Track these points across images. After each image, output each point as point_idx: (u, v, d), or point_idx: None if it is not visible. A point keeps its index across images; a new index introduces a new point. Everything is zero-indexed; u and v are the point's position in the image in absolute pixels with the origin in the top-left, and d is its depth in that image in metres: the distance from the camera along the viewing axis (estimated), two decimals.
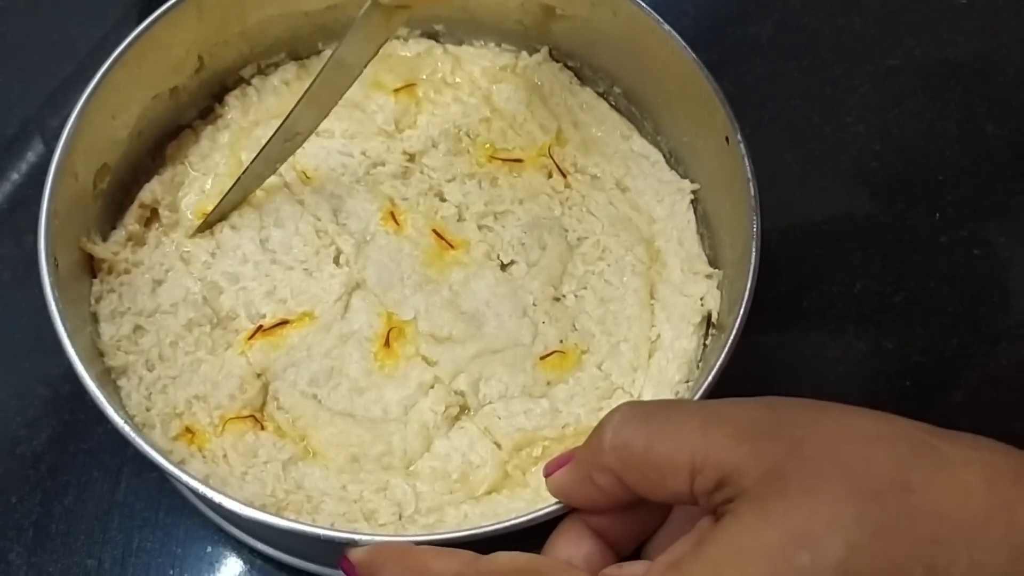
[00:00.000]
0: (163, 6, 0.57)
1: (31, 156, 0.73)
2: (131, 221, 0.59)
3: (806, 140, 0.75)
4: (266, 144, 0.56)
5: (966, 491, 0.33)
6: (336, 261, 0.58)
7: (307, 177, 0.61)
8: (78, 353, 0.48)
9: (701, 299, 0.57)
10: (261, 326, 0.56)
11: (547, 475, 0.43)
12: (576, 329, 0.57)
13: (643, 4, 0.58)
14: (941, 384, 0.65)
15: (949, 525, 0.33)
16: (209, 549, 0.59)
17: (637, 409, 0.40)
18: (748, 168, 0.53)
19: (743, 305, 0.50)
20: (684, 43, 0.57)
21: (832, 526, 0.33)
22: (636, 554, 0.42)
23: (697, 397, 0.48)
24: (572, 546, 0.41)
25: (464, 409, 0.55)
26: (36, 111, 0.74)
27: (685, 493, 0.37)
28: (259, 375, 0.55)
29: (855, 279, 0.69)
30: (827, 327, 0.67)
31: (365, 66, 0.55)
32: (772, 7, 0.81)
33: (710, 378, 0.48)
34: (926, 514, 0.33)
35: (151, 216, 0.60)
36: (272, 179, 0.60)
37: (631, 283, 0.59)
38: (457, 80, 0.66)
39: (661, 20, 0.57)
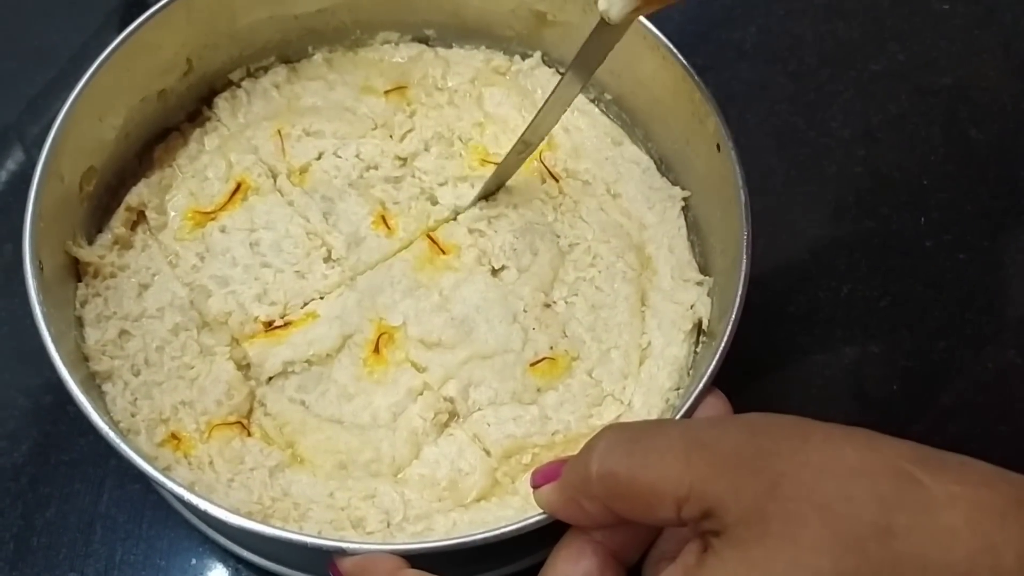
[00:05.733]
0: (152, 8, 0.56)
1: (11, 164, 0.72)
2: (117, 224, 0.58)
3: (791, 145, 0.75)
4: (506, 156, 0.58)
5: (950, 535, 0.32)
6: (326, 261, 0.58)
7: (299, 177, 0.61)
8: (62, 358, 0.47)
9: (691, 306, 0.57)
10: (272, 322, 0.56)
11: (534, 487, 0.43)
12: (566, 336, 0.57)
13: None
14: (928, 388, 0.65)
15: (932, 574, 0.32)
16: (194, 561, 0.58)
17: (621, 435, 0.40)
18: (739, 176, 0.53)
19: (734, 313, 0.50)
20: (675, 50, 0.57)
21: None
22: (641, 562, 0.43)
23: (688, 404, 0.48)
24: (571, 563, 0.41)
25: (453, 416, 0.55)
26: (16, 118, 0.74)
27: (673, 519, 0.37)
28: (248, 378, 0.55)
29: (841, 283, 0.69)
30: (814, 332, 0.67)
31: (594, 72, 0.54)
32: (756, 13, 0.82)
33: (701, 386, 0.48)
34: (908, 562, 0.32)
35: (137, 219, 0.59)
36: (263, 181, 0.60)
37: (622, 290, 0.58)
38: (449, 84, 0.66)
39: (652, 27, 0.58)
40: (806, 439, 0.36)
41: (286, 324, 0.56)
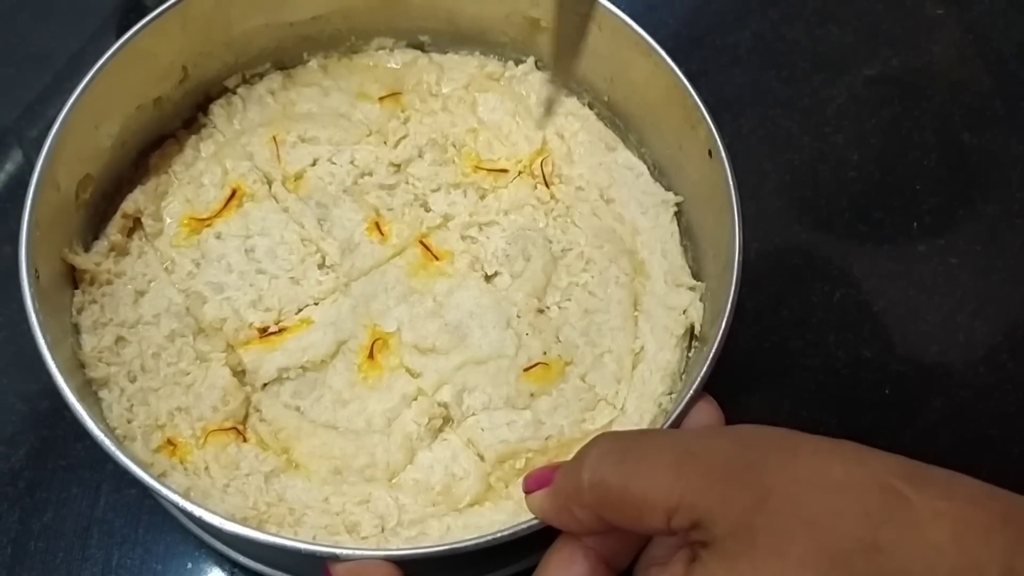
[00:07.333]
0: (148, 15, 0.57)
1: (9, 167, 0.72)
2: (113, 231, 0.58)
3: (785, 150, 0.75)
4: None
5: (935, 551, 0.33)
6: (320, 268, 0.58)
7: (294, 183, 0.61)
8: (58, 365, 0.47)
9: (684, 311, 0.58)
10: (267, 328, 0.56)
11: (526, 492, 0.44)
12: (560, 341, 0.57)
13: (627, 17, 0.58)
14: (920, 392, 0.66)
15: None
16: (190, 565, 0.58)
17: (613, 444, 0.40)
18: (731, 182, 0.53)
19: (726, 318, 0.50)
20: (668, 57, 0.57)
21: None
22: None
23: (680, 409, 0.48)
24: (562, 568, 0.42)
25: (447, 421, 0.55)
26: (14, 122, 0.74)
27: (662, 529, 0.37)
28: (244, 384, 0.55)
29: (834, 288, 0.69)
30: (806, 336, 0.68)
31: None
32: (750, 18, 0.82)
33: (692, 391, 0.48)
34: None
35: (134, 226, 0.60)
36: (259, 187, 0.60)
37: (615, 295, 0.59)
38: (443, 90, 0.66)
39: (645, 34, 0.58)
40: (795, 453, 0.36)
41: (281, 330, 0.56)
